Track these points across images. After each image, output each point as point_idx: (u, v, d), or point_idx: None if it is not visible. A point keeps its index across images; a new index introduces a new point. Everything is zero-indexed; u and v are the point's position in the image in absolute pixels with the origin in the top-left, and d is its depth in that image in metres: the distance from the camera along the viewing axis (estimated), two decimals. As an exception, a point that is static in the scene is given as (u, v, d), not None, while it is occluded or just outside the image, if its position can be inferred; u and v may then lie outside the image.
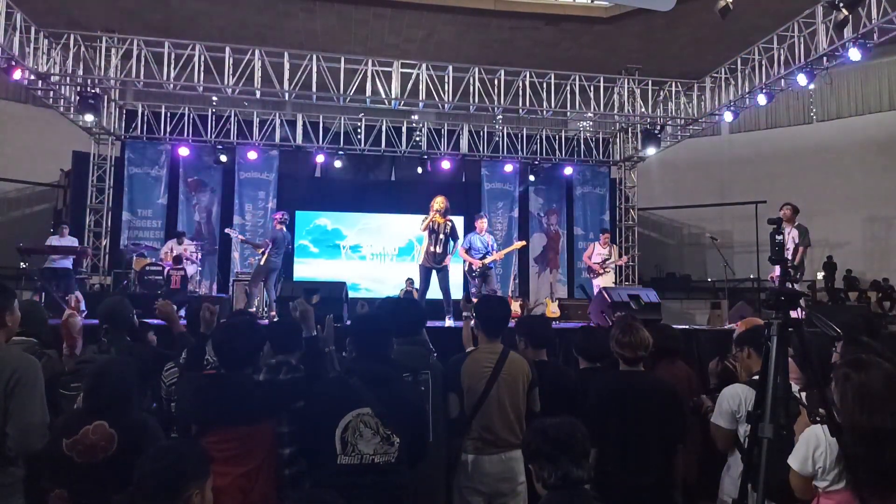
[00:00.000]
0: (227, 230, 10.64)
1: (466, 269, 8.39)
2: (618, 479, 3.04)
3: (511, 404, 3.21)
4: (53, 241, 9.56)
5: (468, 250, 8.17)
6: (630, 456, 3.07)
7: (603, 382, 3.32)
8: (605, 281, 9.72)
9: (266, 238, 9.48)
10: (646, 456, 3.07)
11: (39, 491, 2.67)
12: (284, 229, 9.21)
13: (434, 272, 7.74)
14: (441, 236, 7.69)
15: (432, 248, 7.69)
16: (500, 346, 3.32)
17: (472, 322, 3.52)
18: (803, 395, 3.08)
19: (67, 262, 9.47)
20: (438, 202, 7.73)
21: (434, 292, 7.90)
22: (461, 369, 3.25)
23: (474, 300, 4.72)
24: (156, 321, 4.52)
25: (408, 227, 13.58)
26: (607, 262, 9.95)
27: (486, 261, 8.15)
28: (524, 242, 11.28)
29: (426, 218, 7.73)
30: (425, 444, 2.81)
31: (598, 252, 10.05)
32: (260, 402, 2.73)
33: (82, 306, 8.69)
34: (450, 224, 7.77)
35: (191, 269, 9.81)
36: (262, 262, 9.07)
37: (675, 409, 3.19)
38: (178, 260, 9.50)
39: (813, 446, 2.37)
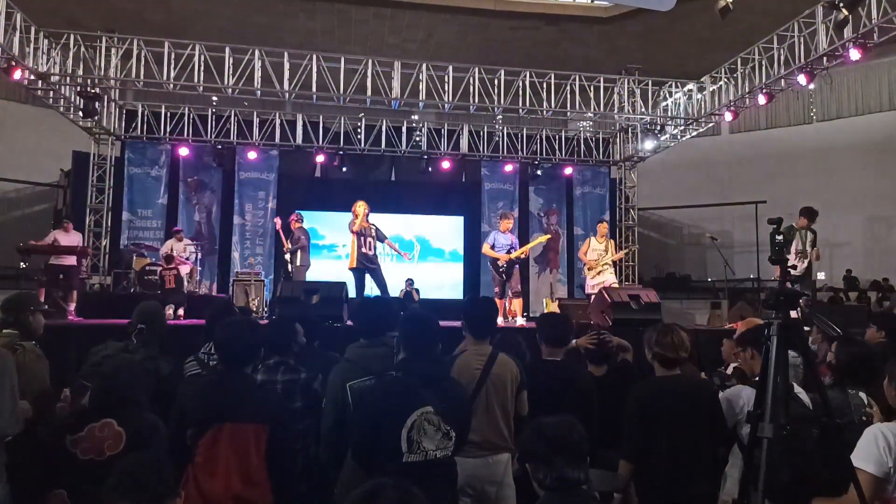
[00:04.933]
0: (285, 251, 9.50)
1: (491, 264, 8.54)
2: (667, 490, 2.93)
3: (499, 407, 3.18)
4: (59, 235, 9.54)
5: (492, 247, 8.37)
6: (680, 465, 2.94)
7: (642, 389, 3.18)
8: (605, 279, 9.25)
9: (301, 240, 9.40)
10: (696, 464, 2.95)
11: (24, 482, 2.69)
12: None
13: (367, 273, 8.09)
14: (369, 239, 8.08)
15: (364, 250, 8.04)
16: (489, 347, 3.30)
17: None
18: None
19: (72, 259, 9.46)
20: (364, 206, 8.10)
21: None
22: (450, 371, 3.22)
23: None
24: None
25: (408, 228, 13.61)
26: (603, 258, 9.38)
27: (512, 256, 8.31)
28: (549, 236, 11.30)
29: (355, 221, 8.03)
30: (468, 436, 2.90)
31: (593, 248, 9.49)
32: (258, 403, 2.74)
33: (71, 307, 8.65)
34: (374, 227, 8.20)
35: (184, 269, 9.76)
36: (298, 264, 9.08)
37: (720, 413, 3.04)
38: (169, 259, 9.48)
39: (882, 444, 2.35)
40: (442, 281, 13.51)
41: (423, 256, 13.63)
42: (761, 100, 10.71)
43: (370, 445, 2.61)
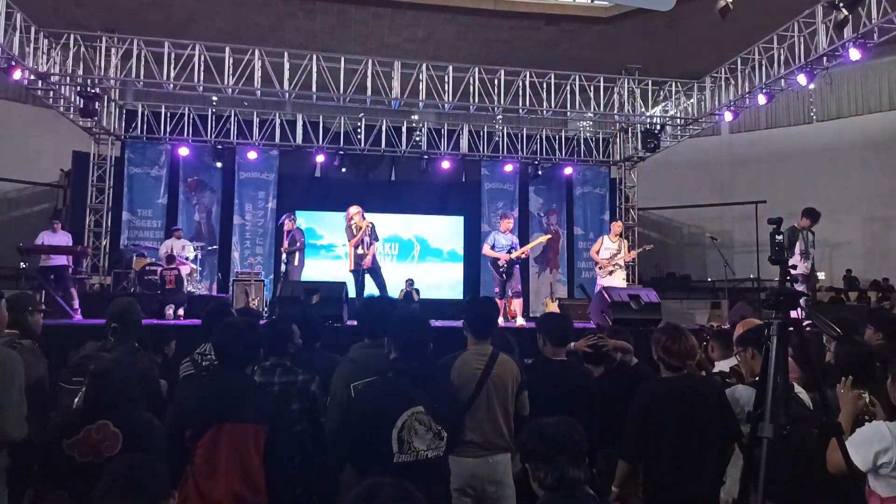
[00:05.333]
0: (283, 250, 9.54)
1: (492, 264, 8.53)
2: (673, 490, 2.94)
3: (500, 407, 3.18)
4: (46, 236, 9.54)
5: (492, 247, 8.37)
6: (686, 465, 2.94)
7: (647, 391, 3.18)
8: (615, 280, 9.05)
9: (297, 240, 9.45)
10: (702, 464, 2.96)
11: (23, 486, 2.68)
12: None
13: (366, 273, 8.19)
14: (366, 238, 8.18)
15: (360, 251, 8.14)
16: (490, 347, 3.30)
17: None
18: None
19: (63, 260, 9.44)
20: (358, 210, 8.29)
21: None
22: (451, 371, 3.21)
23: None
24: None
25: (407, 228, 13.61)
26: (615, 258, 9.17)
27: (513, 256, 8.30)
28: (549, 236, 11.27)
29: (354, 230, 8.18)
30: (461, 435, 2.90)
31: (606, 246, 9.24)
32: (257, 404, 2.72)
33: (76, 304, 8.67)
34: (369, 226, 8.24)
35: (185, 269, 9.76)
36: (295, 264, 9.10)
37: (729, 410, 3.05)
38: (170, 259, 9.48)
39: (878, 446, 2.40)
40: (442, 281, 13.51)
41: (422, 256, 13.64)
42: (761, 100, 10.72)
43: (362, 446, 2.62)
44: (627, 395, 3.26)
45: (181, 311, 8.91)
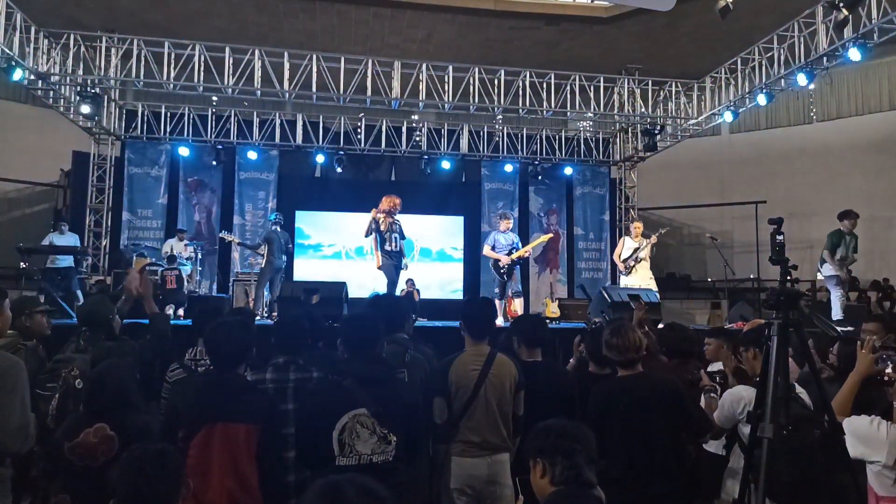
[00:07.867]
0: (222, 233, 10.60)
1: (493, 265, 8.51)
2: (628, 489, 2.93)
3: (498, 407, 3.19)
4: (54, 238, 9.54)
5: (493, 248, 8.35)
6: (638, 463, 2.96)
7: (601, 389, 3.21)
8: (638, 278, 8.95)
9: (258, 240, 9.53)
10: (655, 462, 2.97)
11: (28, 490, 2.67)
12: (278, 229, 9.25)
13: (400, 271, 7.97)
14: (394, 235, 7.93)
15: (387, 248, 7.85)
16: (487, 348, 3.30)
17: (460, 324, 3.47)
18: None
19: (69, 261, 9.46)
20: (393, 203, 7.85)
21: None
22: (449, 372, 3.22)
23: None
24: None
25: (408, 228, 13.55)
26: (637, 251, 8.99)
27: (514, 256, 8.30)
28: (550, 235, 11.26)
29: (375, 228, 7.79)
30: (420, 440, 2.84)
31: (628, 247, 9.20)
32: (249, 403, 2.70)
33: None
34: (398, 224, 7.99)
35: (185, 270, 9.77)
36: (263, 265, 9.09)
37: (681, 408, 3.07)
38: (171, 260, 9.48)
39: (870, 446, 2.44)
40: (443, 281, 13.50)
41: (422, 257, 13.62)
42: (761, 100, 10.71)
43: (306, 447, 2.61)
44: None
45: (181, 312, 8.91)
